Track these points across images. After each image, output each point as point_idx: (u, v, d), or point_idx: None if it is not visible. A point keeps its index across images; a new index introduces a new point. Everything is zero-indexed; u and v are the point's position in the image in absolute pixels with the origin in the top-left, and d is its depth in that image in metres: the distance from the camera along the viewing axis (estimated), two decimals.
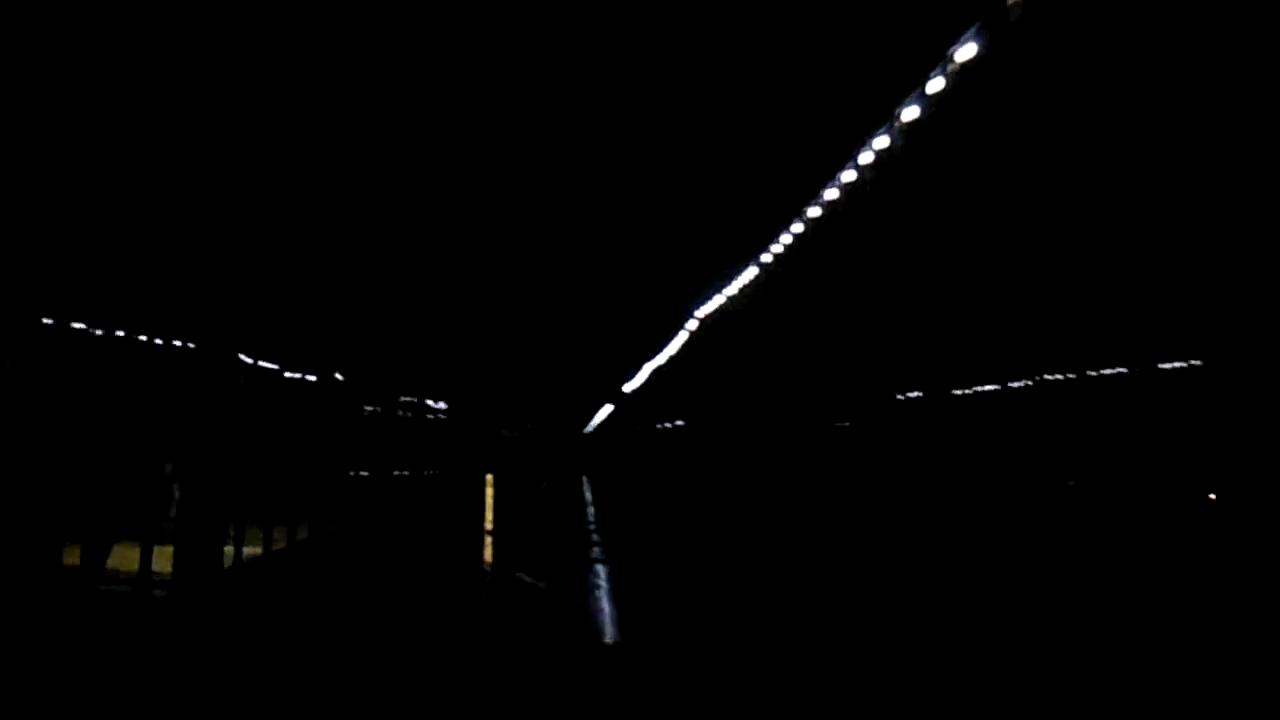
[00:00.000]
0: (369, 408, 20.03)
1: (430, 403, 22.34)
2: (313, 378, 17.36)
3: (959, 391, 10.81)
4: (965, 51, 9.12)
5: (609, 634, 10.54)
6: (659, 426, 35.16)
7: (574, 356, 24.40)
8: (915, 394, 13.24)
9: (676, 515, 22.26)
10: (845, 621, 10.43)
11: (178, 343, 11.93)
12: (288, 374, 16.37)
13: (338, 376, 16.87)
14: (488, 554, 18.28)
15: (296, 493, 15.94)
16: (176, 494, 17.13)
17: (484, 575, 16.19)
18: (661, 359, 23.11)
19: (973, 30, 8.89)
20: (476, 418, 23.52)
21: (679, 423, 31.24)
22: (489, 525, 21.57)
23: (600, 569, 16.17)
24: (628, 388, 33.68)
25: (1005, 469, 11.31)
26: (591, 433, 49.66)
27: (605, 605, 12.23)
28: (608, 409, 43.39)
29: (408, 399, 21.25)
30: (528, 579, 14.42)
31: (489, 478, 19.00)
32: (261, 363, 14.98)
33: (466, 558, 17.37)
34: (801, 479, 16.66)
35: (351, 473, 18.34)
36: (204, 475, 12.26)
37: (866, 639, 9.47)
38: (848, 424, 14.87)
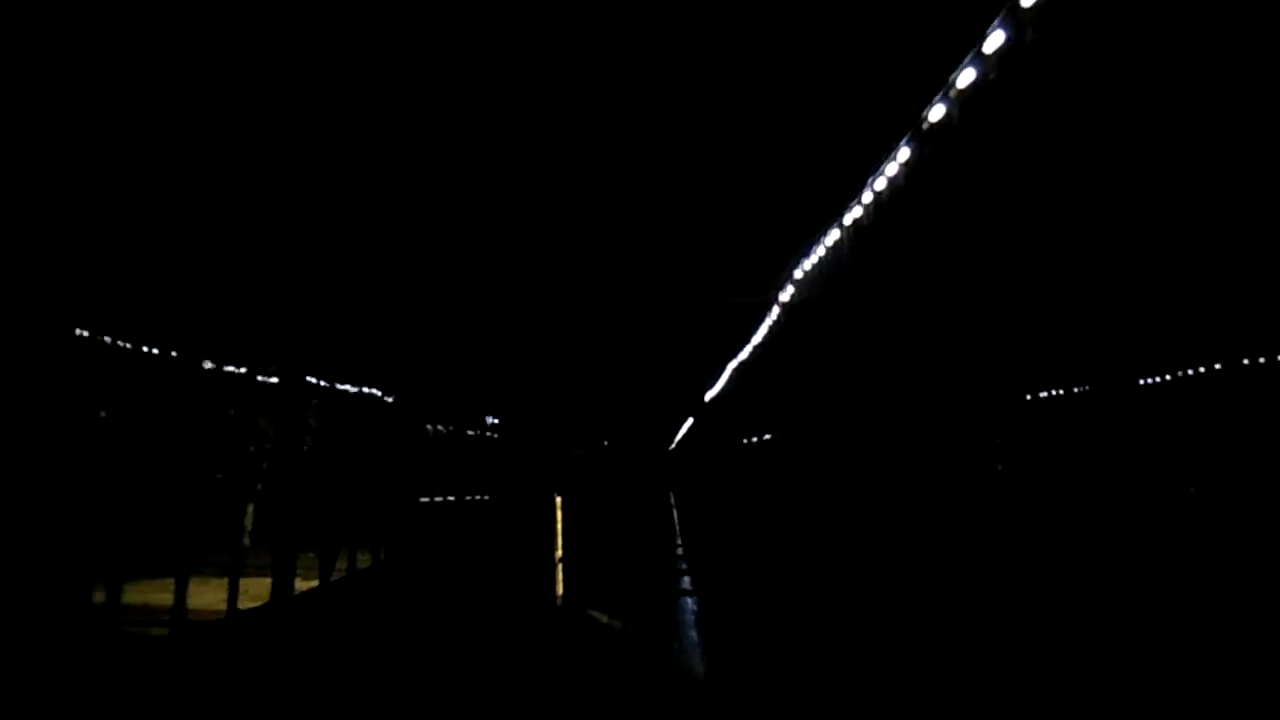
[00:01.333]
0: (433, 427, 18.89)
1: (495, 420, 21.10)
2: (376, 394, 16.26)
3: (1146, 380, 8.74)
4: None
5: (702, 688, 8.90)
6: (745, 441, 33.27)
7: (651, 365, 22.74)
8: (1077, 389, 11.08)
9: (779, 541, 20.37)
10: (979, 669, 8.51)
11: (236, 367, 11.64)
12: (353, 390, 15.36)
13: (390, 397, 15.75)
14: (559, 586, 16.68)
15: (356, 519, 14.96)
16: (249, 523, 16.37)
17: (555, 611, 14.66)
18: (744, 354, 21.02)
19: None
20: (546, 436, 22.19)
21: (767, 436, 29.16)
22: (559, 554, 20.04)
23: (690, 605, 14.48)
24: (709, 395, 31.74)
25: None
26: (675, 449, 47.94)
27: (697, 654, 10.44)
28: (690, 422, 41.57)
29: (473, 417, 20.12)
30: (604, 618, 12.77)
31: (559, 501, 17.42)
32: (328, 383, 14.13)
33: (535, 591, 15.85)
34: (915, 493, 14.60)
35: (419, 498, 17.19)
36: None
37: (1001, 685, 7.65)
38: (977, 430, 12.69)
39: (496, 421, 21.05)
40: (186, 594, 10.08)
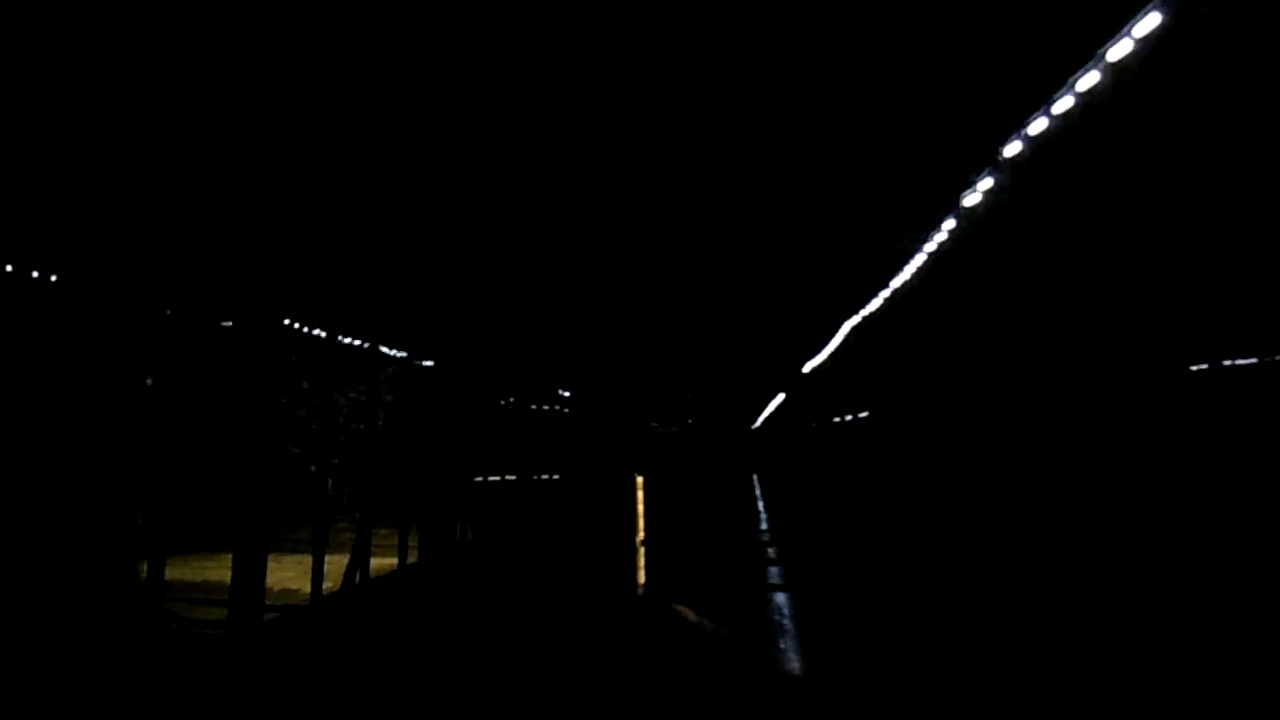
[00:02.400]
0: (503, 402, 18.16)
1: (567, 394, 20.30)
2: (435, 364, 15.57)
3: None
4: None
5: (806, 703, 7.91)
6: (836, 420, 31.88)
7: (744, 332, 21.47)
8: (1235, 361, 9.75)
9: (881, 533, 19.13)
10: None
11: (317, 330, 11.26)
12: (422, 362, 14.72)
13: (452, 368, 15.01)
14: (641, 574, 15.83)
15: (421, 497, 14.36)
16: (343, 495, 15.86)
17: (635, 603, 13.80)
18: (857, 319, 19.45)
19: None
20: (624, 411, 21.27)
21: (862, 414, 27.77)
22: (641, 536, 19.18)
23: (782, 601, 13.44)
24: (809, 365, 30.23)
25: None
26: (761, 426, 46.65)
27: (797, 662, 9.41)
28: (781, 397, 40.16)
29: (543, 390, 19.35)
30: (691, 615, 11.85)
31: (640, 480, 16.55)
32: (399, 353, 13.51)
33: (614, 580, 15.03)
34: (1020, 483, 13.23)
35: (482, 478, 16.52)
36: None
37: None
38: (1119, 409, 11.36)
39: (569, 395, 20.20)
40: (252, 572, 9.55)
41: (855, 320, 18.47)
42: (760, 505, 28.23)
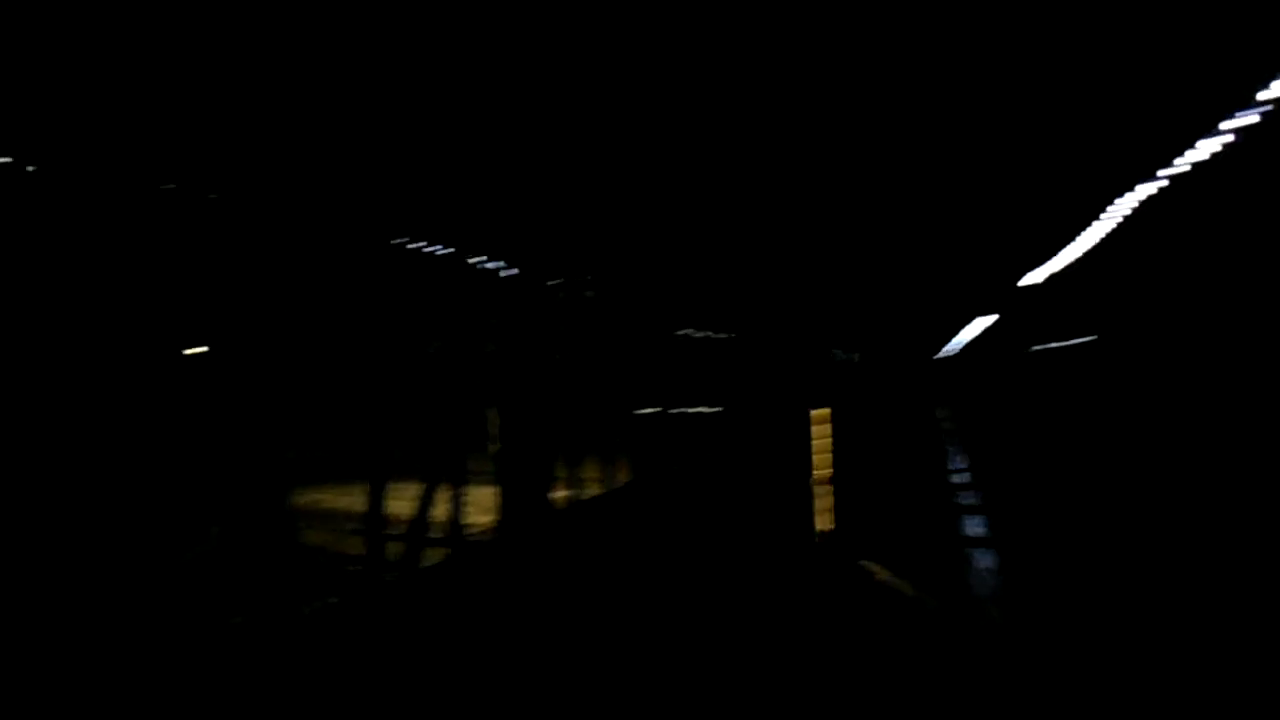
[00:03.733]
0: (662, 330, 17.19)
1: (732, 320, 18.95)
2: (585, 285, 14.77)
3: None
4: None
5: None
6: (1040, 347, 29.11)
7: (952, 227, 19.03)
8: None
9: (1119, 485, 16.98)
10: None
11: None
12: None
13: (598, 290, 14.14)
14: (820, 520, 14.59)
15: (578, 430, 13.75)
16: (493, 429, 16.03)
17: (812, 555, 12.68)
18: (1140, 196, 14.94)
19: None
20: (802, 337, 19.80)
21: (1078, 340, 25.03)
22: (828, 474, 17.84)
23: (986, 561, 11.87)
24: (1033, 277, 27.25)
25: None
26: (960, 353, 43.65)
27: (1021, 645, 7.96)
28: (986, 320, 37.14)
29: (706, 318, 18.17)
30: (884, 574, 10.56)
31: (824, 413, 15.23)
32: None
33: (786, 526, 13.91)
34: None
35: (635, 410, 15.75)
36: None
37: None
38: None
39: (736, 320, 18.83)
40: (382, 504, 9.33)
41: (1137, 198, 13.97)
42: (955, 444, 26.15)
